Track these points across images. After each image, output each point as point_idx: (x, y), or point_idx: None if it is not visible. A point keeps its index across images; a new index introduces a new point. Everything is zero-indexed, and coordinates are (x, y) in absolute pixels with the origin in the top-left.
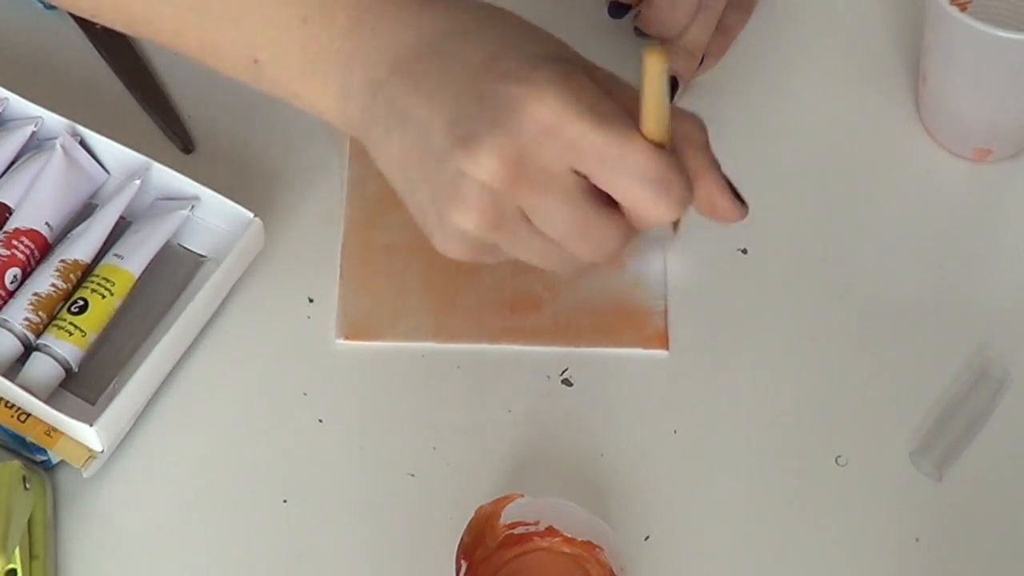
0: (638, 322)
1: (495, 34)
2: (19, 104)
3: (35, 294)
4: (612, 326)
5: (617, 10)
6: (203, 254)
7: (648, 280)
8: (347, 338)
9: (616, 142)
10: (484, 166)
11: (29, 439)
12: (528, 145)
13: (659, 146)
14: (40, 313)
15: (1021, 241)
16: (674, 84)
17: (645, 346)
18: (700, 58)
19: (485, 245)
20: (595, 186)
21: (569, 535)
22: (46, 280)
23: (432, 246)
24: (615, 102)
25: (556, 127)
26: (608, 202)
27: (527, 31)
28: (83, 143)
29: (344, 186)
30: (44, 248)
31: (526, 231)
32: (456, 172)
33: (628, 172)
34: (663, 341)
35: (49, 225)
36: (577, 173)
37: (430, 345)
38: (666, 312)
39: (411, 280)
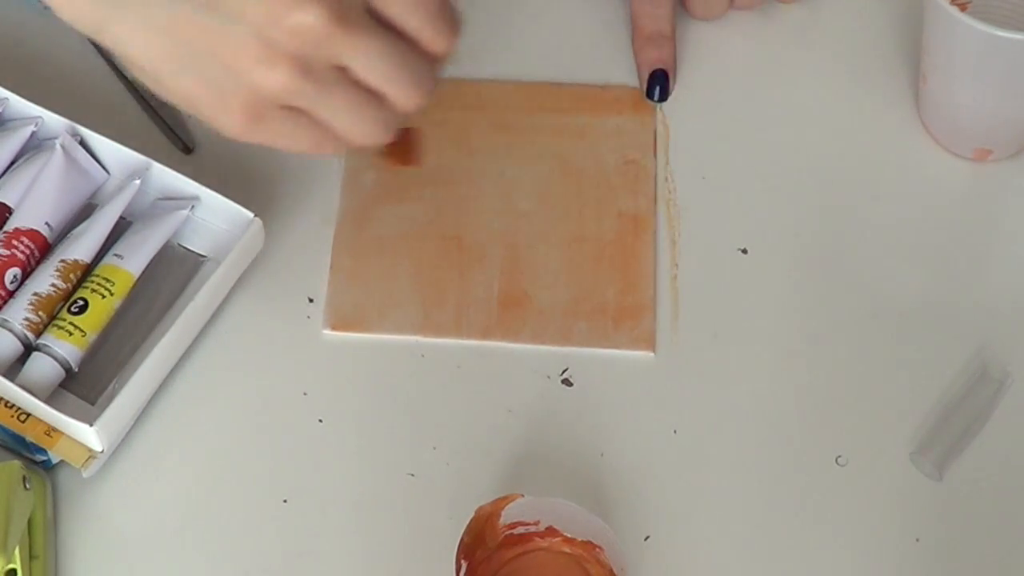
0: (627, 323)
1: None
2: (19, 104)
3: (35, 294)
4: (601, 326)
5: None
6: (203, 254)
7: (638, 283)
8: (334, 328)
9: None
10: (310, 14)
11: (29, 439)
12: None
13: None
14: (40, 313)
15: (1021, 241)
16: (664, 76)
17: (633, 347)
18: None
19: (281, 112)
20: None
21: (569, 535)
22: (46, 280)
23: (419, 241)
24: None
25: None
26: None
27: None
28: (83, 143)
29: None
30: (44, 248)
31: (337, 82)
32: (262, 27)
33: (421, 9)
34: (651, 343)
35: (49, 225)
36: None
37: (428, 343)
38: (655, 313)
39: (401, 273)
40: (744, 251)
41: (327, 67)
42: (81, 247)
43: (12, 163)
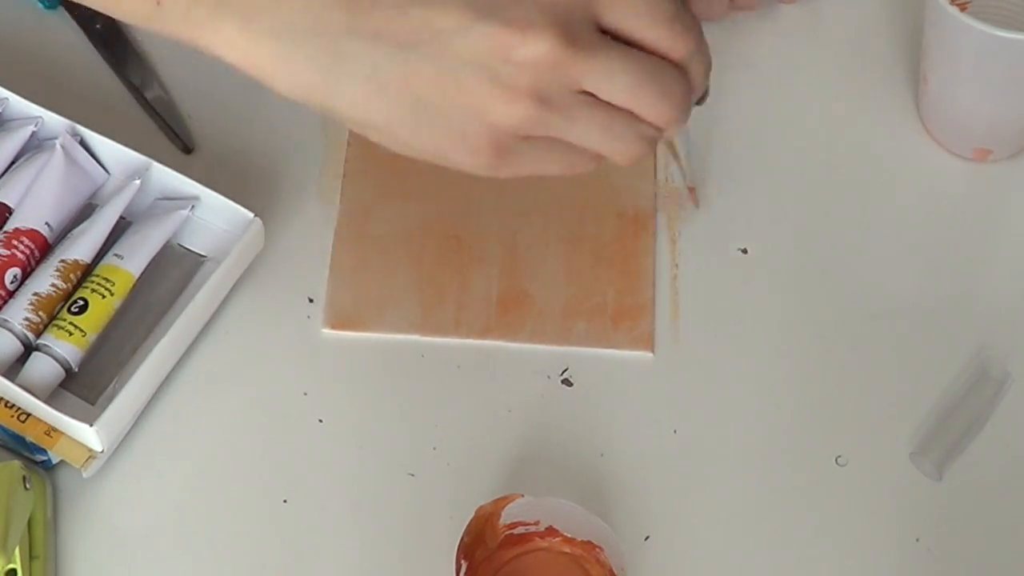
0: (626, 323)
1: None
2: (19, 104)
3: (35, 294)
4: (600, 326)
5: None
6: (203, 254)
7: (637, 283)
8: (333, 327)
9: None
10: (540, 43)
11: (29, 439)
12: (569, 13)
13: None
14: (40, 313)
15: (1021, 241)
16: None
17: (632, 347)
18: None
19: (528, 142)
20: None
21: (569, 535)
22: (46, 280)
23: (422, 238)
24: None
25: None
26: None
27: None
28: (83, 143)
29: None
30: (44, 248)
31: (582, 106)
32: (492, 65)
33: (656, 14)
34: (649, 343)
35: (49, 225)
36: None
37: (428, 344)
38: (654, 314)
39: (401, 273)
40: (744, 251)
41: (568, 93)
42: (81, 247)
43: (12, 163)
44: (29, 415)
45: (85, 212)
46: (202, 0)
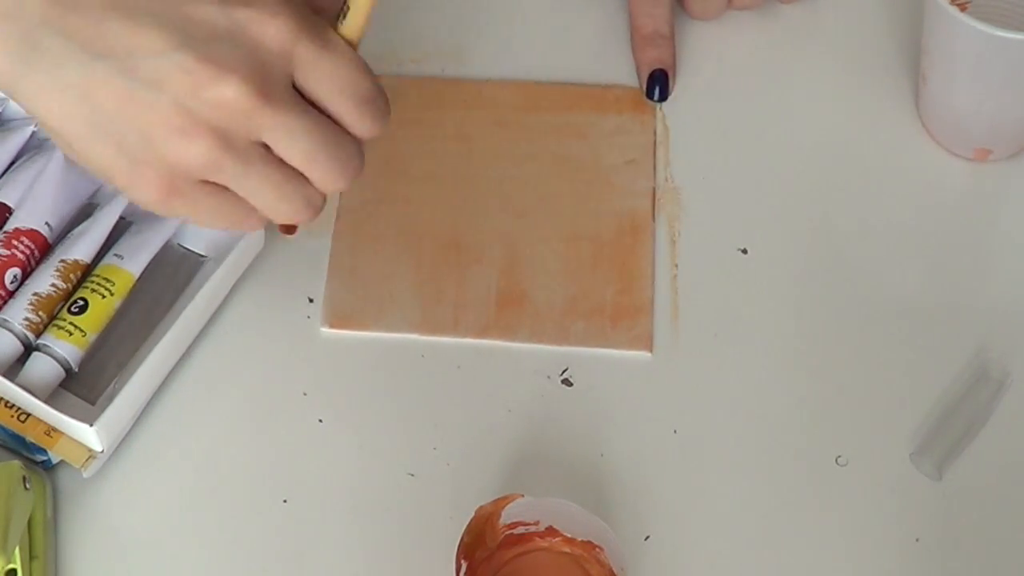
0: (624, 323)
1: None
2: None
3: (35, 294)
4: (598, 326)
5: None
6: (203, 254)
7: (636, 283)
8: (331, 326)
9: (342, 62)
10: (233, 86)
11: (29, 439)
12: (267, 64)
13: (354, 43)
14: (40, 313)
15: (1021, 241)
16: (664, 76)
17: (630, 347)
18: None
19: (198, 187)
20: None
21: (569, 535)
22: (46, 280)
23: (416, 237)
24: (317, 14)
25: (288, 47)
26: None
27: None
28: None
29: None
30: (44, 248)
31: (259, 159)
32: (183, 97)
33: (350, 92)
34: (648, 343)
35: (49, 225)
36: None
37: (428, 344)
38: (652, 314)
39: (400, 272)
40: (744, 251)
41: (248, 143)
42: (81, 247)
43: (12, 163)
44: (29, 415)
45: (85, 212)
46: None
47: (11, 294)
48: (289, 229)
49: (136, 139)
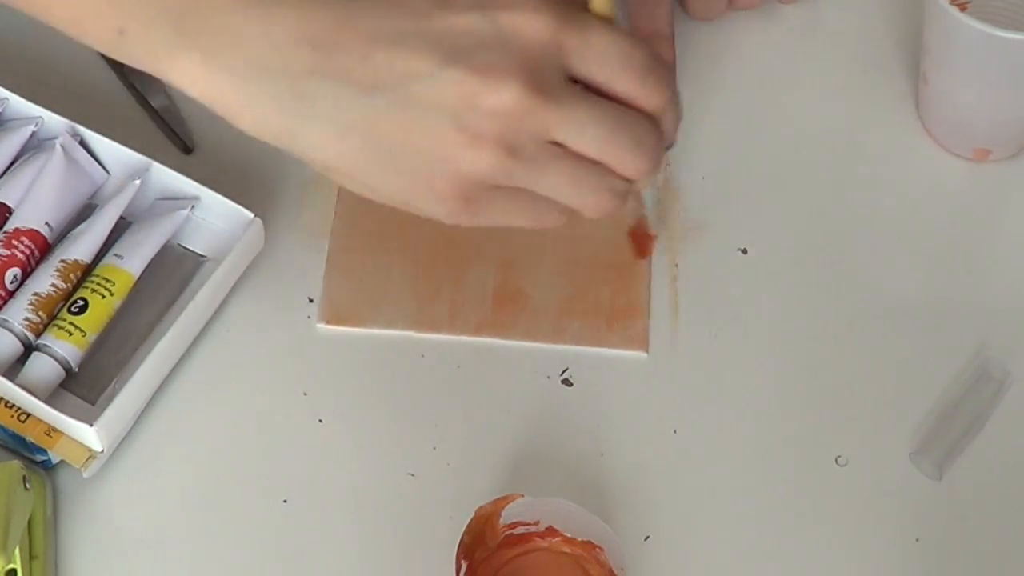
0: (620, 322)
1: None
2: (19, 104)
3: (35, 294)
4: (594, 325)
5: None
6: (203, 254)
7: (633, 283)
8: (328, 323)
9: (610, 39)
10: (508, 91)
11: (29, 439)
12: (539, 62)
13: (609, 19)
14: (40, 313)
15: (1021, 241)
16: None
17: (625, 347)
18: None
19: (495, 192)
20: None
21: (569, 535)
22: (46, 280)
23: (424, 229)
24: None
25: (556, 40)
26: None
27: None
28: (83, 143)
29: None
30: (44, 248)
31: (551, 157)
32: (459, 112)
33: (629, 65)
34: (643, 343)
35: (49, 225)
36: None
37: (428, 344)
38: (648, 314)
39: (397, 269)
40: (744, 251)
41: (537, 143)
42: (81, 247)
43: (12, 163)
44: (29, 415)
45: (85, 212)
46: (163, 31)
47: (11, 294)
48: (642, 252)
49: (426, 162)
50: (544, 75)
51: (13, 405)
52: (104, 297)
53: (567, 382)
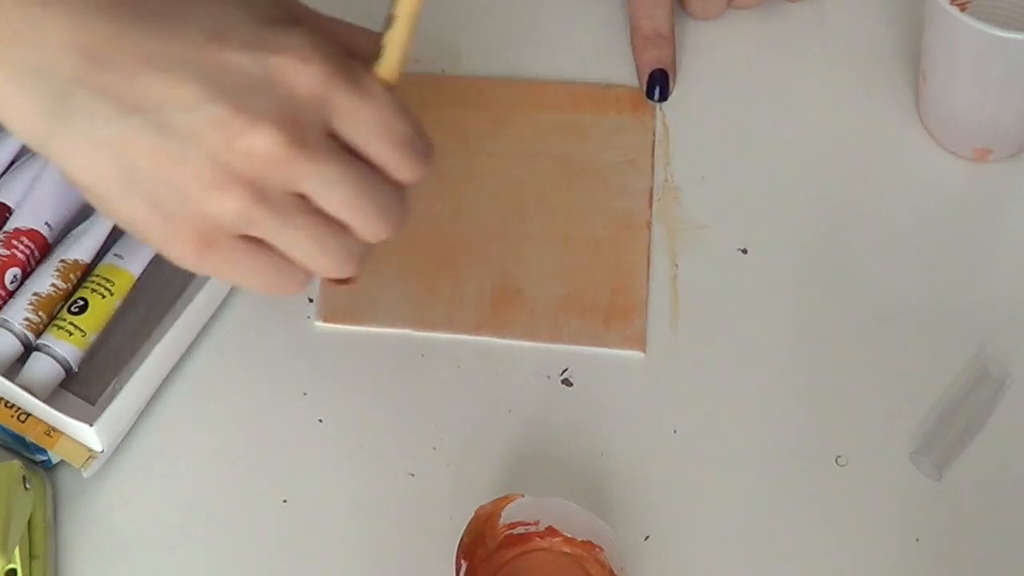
0: (618, 322)
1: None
2: None
3: (35, 294)
4: (592, 325)
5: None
6: None
7: (632, 283)
8: (326, 321)
9: (378, 105)
10: (266, 136)
11: (29, 439)
12: (301, 112)
13: (390, 85)
14: (40, 313)
15: (1021, 241)
16: (664, 76)
17: (623, 346)
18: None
19: (235, 244)
20: None
21: (569, 535)
22: (46, 280)
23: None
24: (352, 57)
25: (323, 93)
26: None
27: None
28: None
29: None
30: (44, 248)
31: (296, 210)
32: (215, 150)
33: (388, 134)
34: (641, 343)
35: (49, 225)
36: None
37: (428, 343)
38: (647, 314)
39: (395, 268)
40: (744, 251)
41: (284, 194)
42: (81, 247)
43: (12, 163)
44: (29, 415)
45: (85, 212)
46: None
47: (11, 294)
48: (342, 281)
49: (170, 195)
50: (303, 127)
51: (13, 405)
52: (104, 297)
53: (567, 382)
